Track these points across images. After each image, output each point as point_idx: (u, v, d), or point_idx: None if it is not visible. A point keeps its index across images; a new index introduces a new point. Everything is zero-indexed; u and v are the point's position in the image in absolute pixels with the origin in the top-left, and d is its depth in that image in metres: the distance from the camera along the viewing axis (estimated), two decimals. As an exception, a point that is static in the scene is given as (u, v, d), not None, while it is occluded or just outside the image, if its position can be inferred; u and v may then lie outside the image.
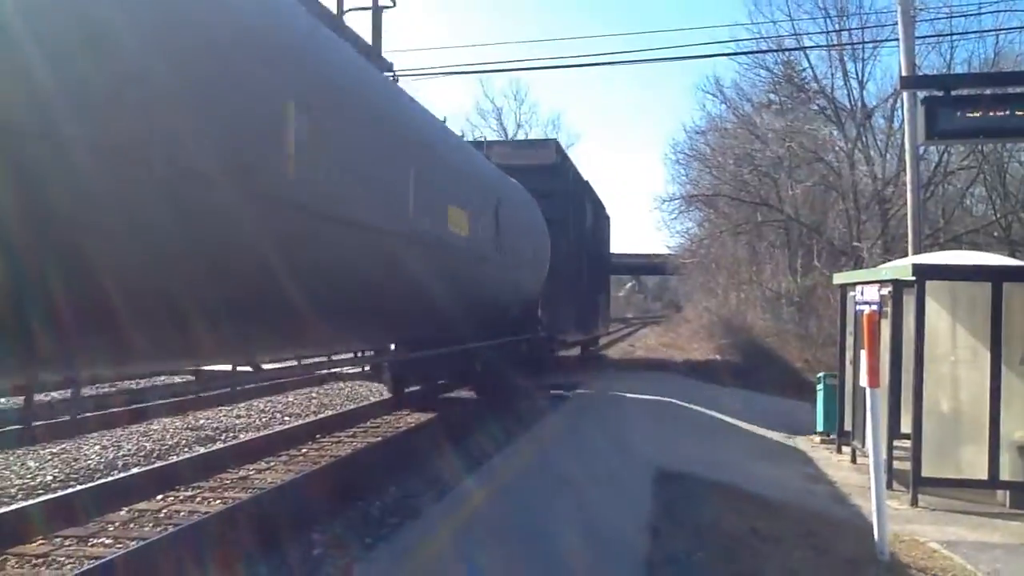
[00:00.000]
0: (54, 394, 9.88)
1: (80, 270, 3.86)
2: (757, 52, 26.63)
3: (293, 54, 5.80)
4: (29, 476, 7.95)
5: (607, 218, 27.58)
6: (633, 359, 26.56)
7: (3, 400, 8.28)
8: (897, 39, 14.46)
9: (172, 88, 4.20)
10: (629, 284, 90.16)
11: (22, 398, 4.85)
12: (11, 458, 8.53)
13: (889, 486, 7.82)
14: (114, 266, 4.03)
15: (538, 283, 15.25)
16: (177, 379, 12.57)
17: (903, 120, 15.86)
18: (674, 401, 14.73)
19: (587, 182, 22.63)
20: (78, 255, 3.81)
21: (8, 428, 8.94)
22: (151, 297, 4.37)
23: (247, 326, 5.59)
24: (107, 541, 6.10)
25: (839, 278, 11.32)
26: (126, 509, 6.89)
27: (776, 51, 26.22)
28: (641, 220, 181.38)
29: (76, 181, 3.67)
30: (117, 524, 6.53)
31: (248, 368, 6.51)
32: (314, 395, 14.95)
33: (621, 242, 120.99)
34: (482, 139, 15.63)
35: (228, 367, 6.73)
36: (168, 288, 4.47)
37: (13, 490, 7.45)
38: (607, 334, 32.88)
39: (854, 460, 9.90)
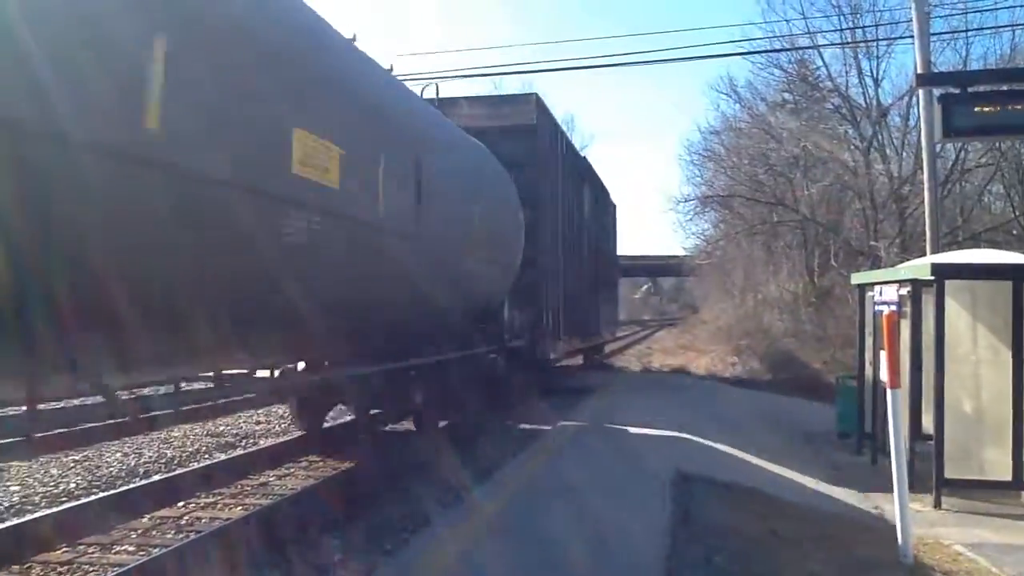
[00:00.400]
0: (75, 402, 9.96)
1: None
2: (771, 51, 26.53)
3: None
4: (52, 483, 8.01)
5: (612, 206, 25.41)
6: (647, 366, 26.31)
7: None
8: (912, 36, 14.39)
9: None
10: (645, 286, 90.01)
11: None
12: (34, 465, 8.61)
13: (911, 488, 7.76)
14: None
15: (504, 277, 11.53)
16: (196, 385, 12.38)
17: (919, 118, 15.79)
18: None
19: (585, 159, 19.88)
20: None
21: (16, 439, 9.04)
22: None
23: None
24: (130, 548, 6.14)
25: (857, 278, 11.25)
26: (148, 516, 6.94)
27: (790, 50, 26.12)
28: (656, 221, 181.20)
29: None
30: (139, 531, 6.58)
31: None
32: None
33: (636, 244, 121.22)
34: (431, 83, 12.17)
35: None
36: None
37: (37, 497, 7.52)
38: (615, 339, 30.26)
39: (874, 461, 9.83)
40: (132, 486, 7.72)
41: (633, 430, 10.40)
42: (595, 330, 21.01)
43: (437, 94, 11.71)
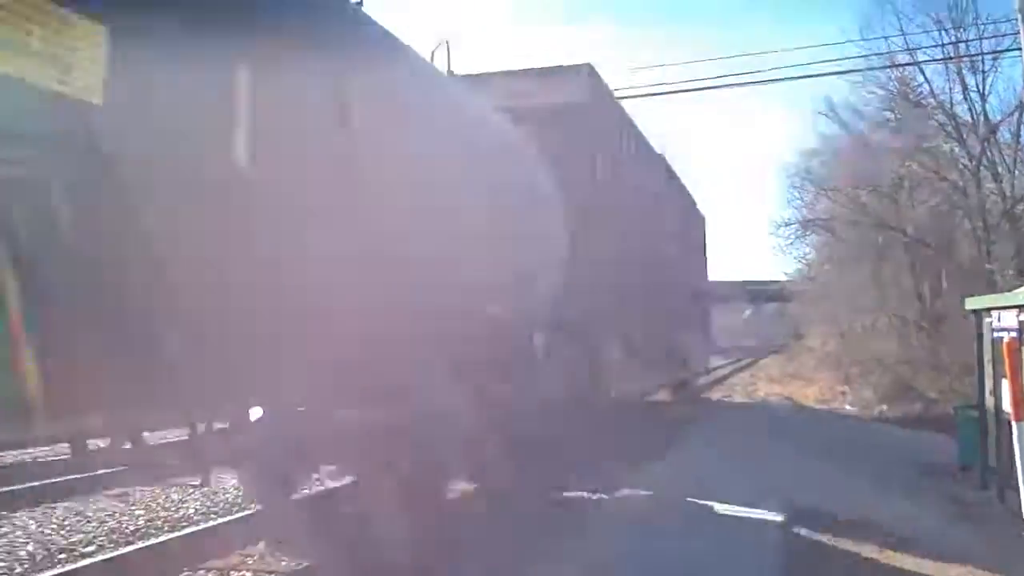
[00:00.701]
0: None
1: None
2: (869, 69, 25.66)
3: None
4: (173, 508, 8.42)
5: (700, 218, 23.04)
6: (751, 396, 25.54)
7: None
8: (1019, 49, 13.79)
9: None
10: (747, 312, 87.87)
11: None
12: (156, 491, 9.05)
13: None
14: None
15: (530, 294, 8.43)
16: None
17: (1033, 134, 15.07)
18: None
19: (663, 158, 16.79)
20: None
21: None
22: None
23: None
24: (248, 574, 6.39)
25: (971, 303, 10.74)
26: (263, 542, 7.18)
27: (889, 67, 25.26)
28: (758, 246, 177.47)
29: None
30: (256, 557, 6.83)
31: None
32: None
33: (738, 269, 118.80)
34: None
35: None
36: None
37: (159, 522, 7.91)
38: (710, 370, 27.72)
39: (1001, 498, 9.28)
40: (248, 512, 8.02)
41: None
42: (683, 361, 18.53)
43: (448, 60, 8.41)
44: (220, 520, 7.68)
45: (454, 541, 6.74)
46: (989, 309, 9.65)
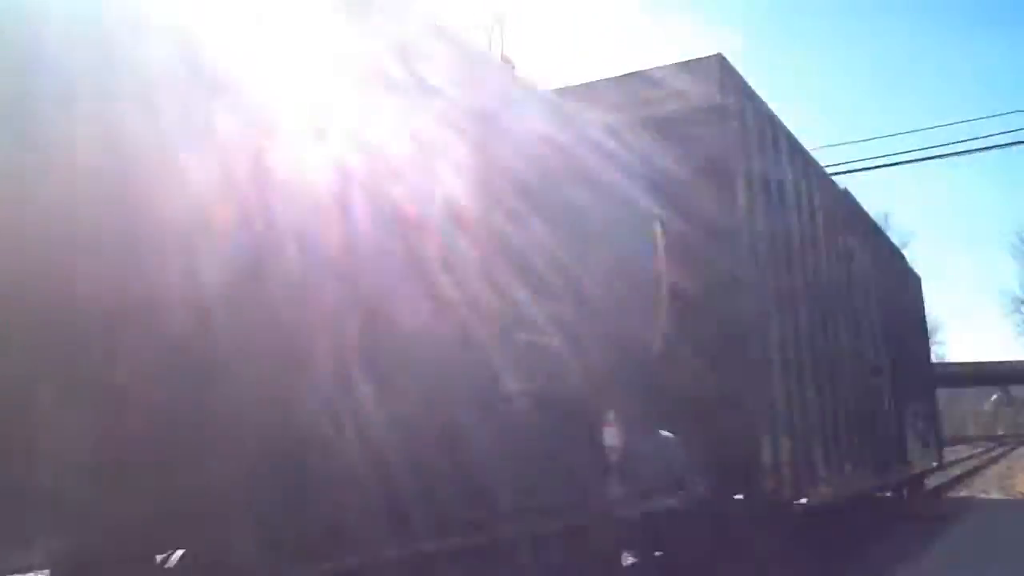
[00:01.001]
0: None
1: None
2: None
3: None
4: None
5: (914, 279, 18.86)
6: (1005, 496, 20.80)
7: None
8: None
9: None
10: (995, 396, 79.51)
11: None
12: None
13: None
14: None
15: (590, 354, 5.37)
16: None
17: None
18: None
19: (846, 191, 13.36)
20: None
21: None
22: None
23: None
24: None
25: None
26: None
27: None
28: (1002, 324, 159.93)
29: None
30: None
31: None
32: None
33: (977, 349, 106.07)
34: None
35: None
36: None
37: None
38: (944, 465, 21.88)
39: None
40: None
41: None
42: (898, 455, 14.40)
43: (503, 42, 6.12)
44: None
45: None
46: None
